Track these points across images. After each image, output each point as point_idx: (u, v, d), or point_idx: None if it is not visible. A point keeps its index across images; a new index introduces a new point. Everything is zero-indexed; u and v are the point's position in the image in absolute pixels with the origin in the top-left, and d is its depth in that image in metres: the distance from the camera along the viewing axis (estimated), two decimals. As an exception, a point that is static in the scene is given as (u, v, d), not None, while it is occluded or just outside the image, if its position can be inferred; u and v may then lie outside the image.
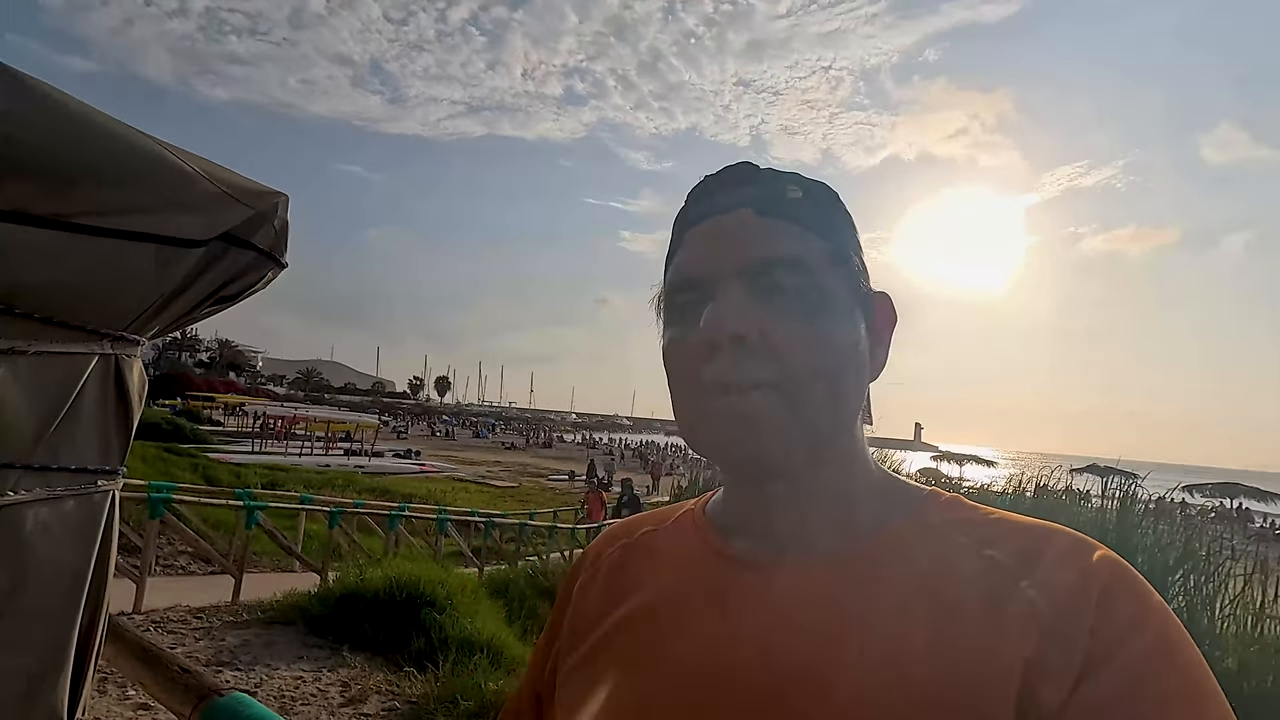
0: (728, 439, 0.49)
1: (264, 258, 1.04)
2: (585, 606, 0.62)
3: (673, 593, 0.56)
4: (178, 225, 0.91)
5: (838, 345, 0.51)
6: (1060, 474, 8.51)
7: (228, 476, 14.90)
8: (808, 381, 0.49)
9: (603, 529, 7.01)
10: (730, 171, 0.57)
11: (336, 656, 4.60)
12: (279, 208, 1.02)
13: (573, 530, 12.65)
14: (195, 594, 5.87)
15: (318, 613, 5.18)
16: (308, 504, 9.06)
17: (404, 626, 4.89)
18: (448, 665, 4.26)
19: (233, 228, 0.97)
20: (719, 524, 0.59)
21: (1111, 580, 0.42)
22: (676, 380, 0.53)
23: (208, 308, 1.02)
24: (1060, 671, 0.40)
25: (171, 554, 7.81)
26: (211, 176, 0.92)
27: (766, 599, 0.50)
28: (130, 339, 0.93)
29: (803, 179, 0.57)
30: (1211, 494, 25.18)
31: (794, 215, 0.53)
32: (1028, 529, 0.48)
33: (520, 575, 8.15)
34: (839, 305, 0.52)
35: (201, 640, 4.65)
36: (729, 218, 0.54)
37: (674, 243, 0.58)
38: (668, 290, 0.56)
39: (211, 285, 0.98)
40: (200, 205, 0.92)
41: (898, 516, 0.52)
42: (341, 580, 5.55)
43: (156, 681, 1.13)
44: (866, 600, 0.47)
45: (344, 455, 26.90)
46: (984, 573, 0.45)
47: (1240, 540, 13.07)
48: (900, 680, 0.42)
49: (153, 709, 3.48)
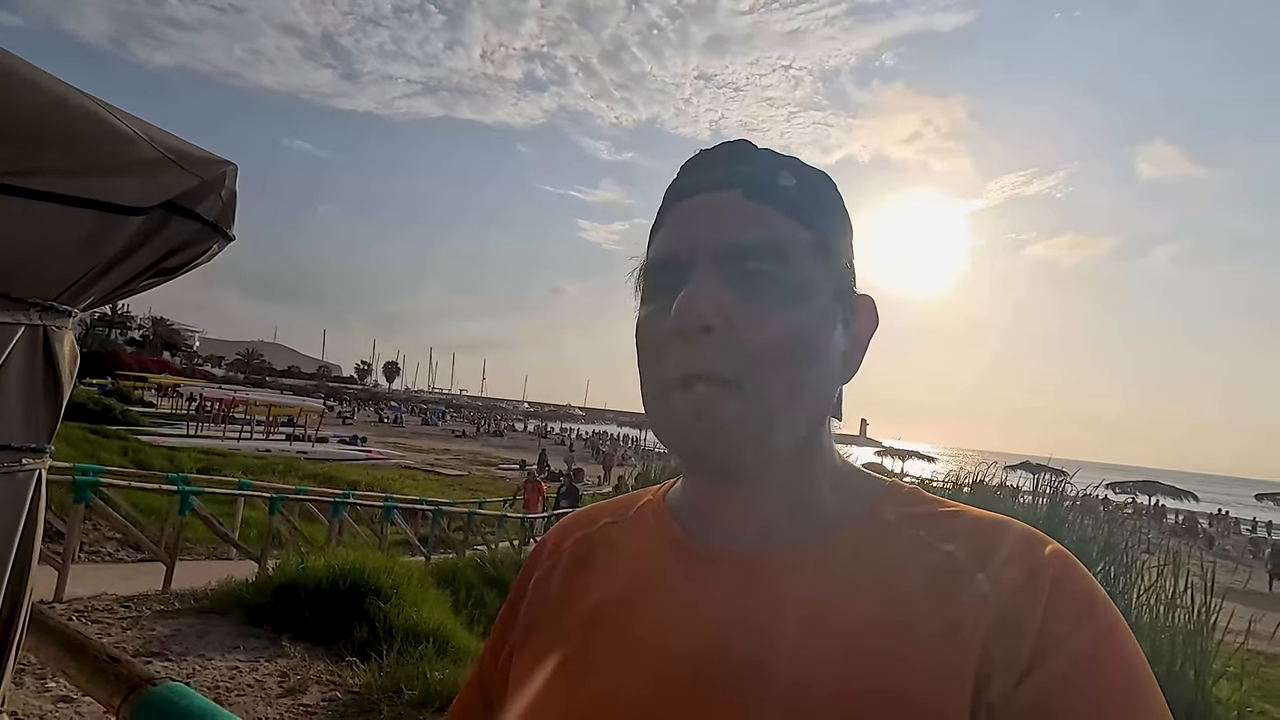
0: (683, 433, 0.48)
1: (209, 229, 0.99)
2: (542, 600, 0.60)
3: (633, 585, 0.55)
4: (115, 190, 0.86)
5: (809, 341, 0.49)
6: (995, 470, 8.89)
7: (160, 460, 14.22)
8: (771, 378, 0.47)
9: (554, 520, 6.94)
10: (726, 148, 0.54)
11: (275, 646, 4.47)
12: (227, 177, 0.97)
13: (523, 520, 12.55)
14: (123, 582, 5.61)
15: (256, 602, 5.02)
16: (246, 490, 8.74)
17: (347, 616, 4.77)
18: (392, 655, 4.19)
19: (176, 196, 0.92)
20: (679, 516, 0.58)
21: (1060, 574, 0.43)
22: (644, 361, 0.52)
23: (147, 279, 0.97)
24: (1011, 662, 0.40)
25: (97, 540, 7.43)
26: (154, 140, 0.87)
27: (726, 592, 0.50)
28: (61, 309, 0.88)
29: (801, 165, 0.54)
30: (1132, 491, 26.64)
31: (784, 202, 0.51)
32: (984, 523, 0.48)
33: (468, 565, 8.06)
34: (817, 300, 0.50)
35: (130, 630, 4.45)
36: (717, 196, 0.51)
37: (660, 214, 0.56)
38: (646, 265, 0.54)
39: (152, 256, 0.93)
40: (141, 170, 0.87)
41: (858, 509, 0.52)
42: (282, 569, 5.39)
43: (83, 672, 1.07)
44: (825, 594, 0.47)
45: (286, 440, 26.02)
46: (941, 568, 0.45)
47: (1156, 535, 13.88)
48: (859, 673, 0.42)
49: (75, 701, 3.32)
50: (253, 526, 8.91)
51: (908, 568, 0.46)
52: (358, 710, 3.66)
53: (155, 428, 22.70)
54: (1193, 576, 5.64)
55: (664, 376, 0.49)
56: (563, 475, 14.81)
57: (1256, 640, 8.28)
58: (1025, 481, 8.97)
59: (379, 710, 3.64)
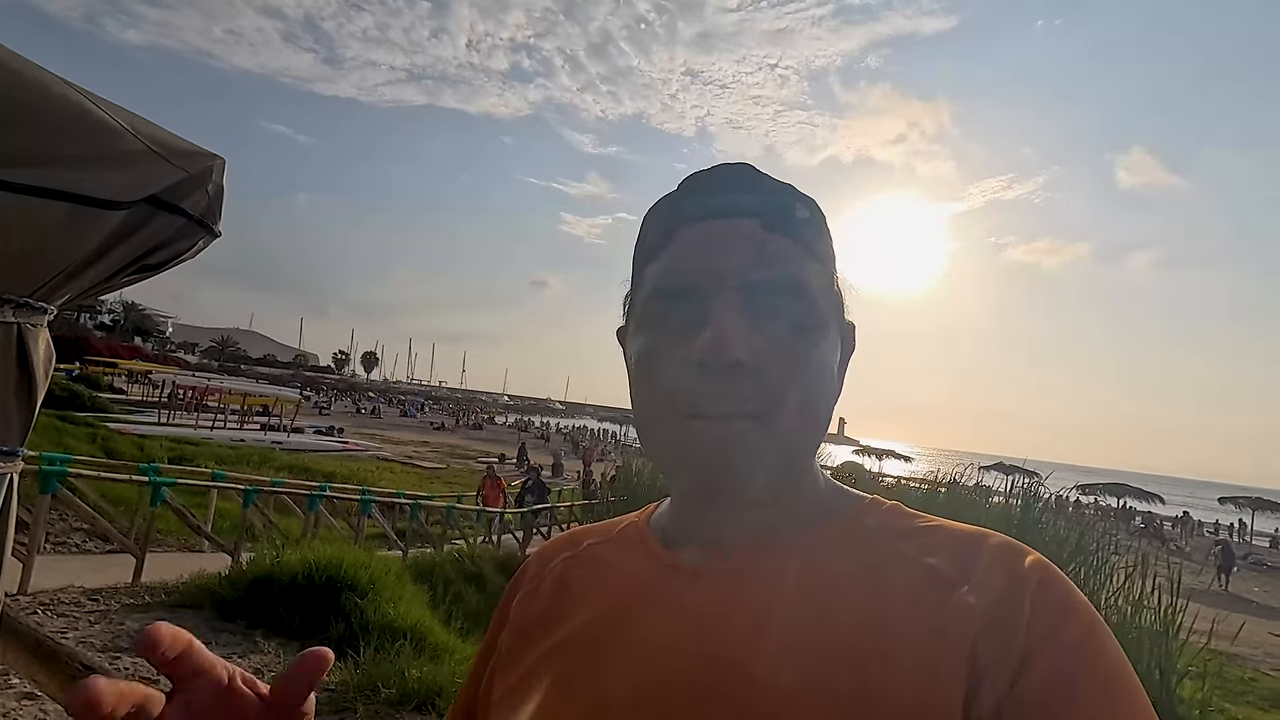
0: (707, 463, 0.48)
1: (194, 225, 0.95)
2: (525, 622, 0.60)
3: (616, 605, 0.55)
4: (97, 183, 0.83)
5: (826, 376, 0.50)
6: (970, 471, 9.04)
7: (130, 449, 13.92)
8: (793, 412, 0.48)
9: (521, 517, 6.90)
10: (732, 172, 0.54)
11: (248, 642, 4.40)
12: (214, 171, 0.94)
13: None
14: (91, 574, 5.48)
15: (229, 596, 4.93)
16: (220, 481, 8.58)
17: (323, 611, 4.71)
18: (369, 652, 4.14)
19: (160, 190, 0.89)
20: (663, 536, 0.58)
21: (1042, 582, 0.44)
22: (651, 392, 0.51)
23: (128, 276, 0.93)
24: (1000, 666, 0.41)
25: (64, 531, 7.25)
26: (139, 132, 0.84)
27: (708, 606, 0.50)
28: (37, 306, 0.84)
29: (803, 195, 0.54)
30: (1102, 493, 27.25)
31: (800, 235, 0.51)
32: (964, 536, 0.49)
33: (446, 560, 7.99)
34: (829, 334, 0.52)
35: (97, 624, 4.35)
36: (731, 225, 0.51)
37: (657, 236, 0.54)
38: (651, 291, 0.53)
39: (134, 252, 0.90)
40: (124, 163, 0.84)
41: (843, 525, 0.53)
42: (256, 562, 5.29)
43: (54, 680, 1.03)
44: (809, 606, 0.47)
45: (260, 431, 25.61)
46: (925, 580, 0.46)
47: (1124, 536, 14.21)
48: (847, 682, 0.43)
49: (39, 699, 3.23)
50: (226, 519, 8.75)
51: (890, 581, 0.47)
52: (333, 708, 3.61)
53: (125, 415, 22.23)
54: (1159, 578, 5.78)
55: (681, 410, 0.49)
56: (529, 468, 14.76)
57: (1219, 640, 8.53)
58: (999, 482, 9.15)
59: (355, 709, 3.59)
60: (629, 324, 0.56)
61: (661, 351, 0.50)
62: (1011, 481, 9.35)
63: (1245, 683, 9.01)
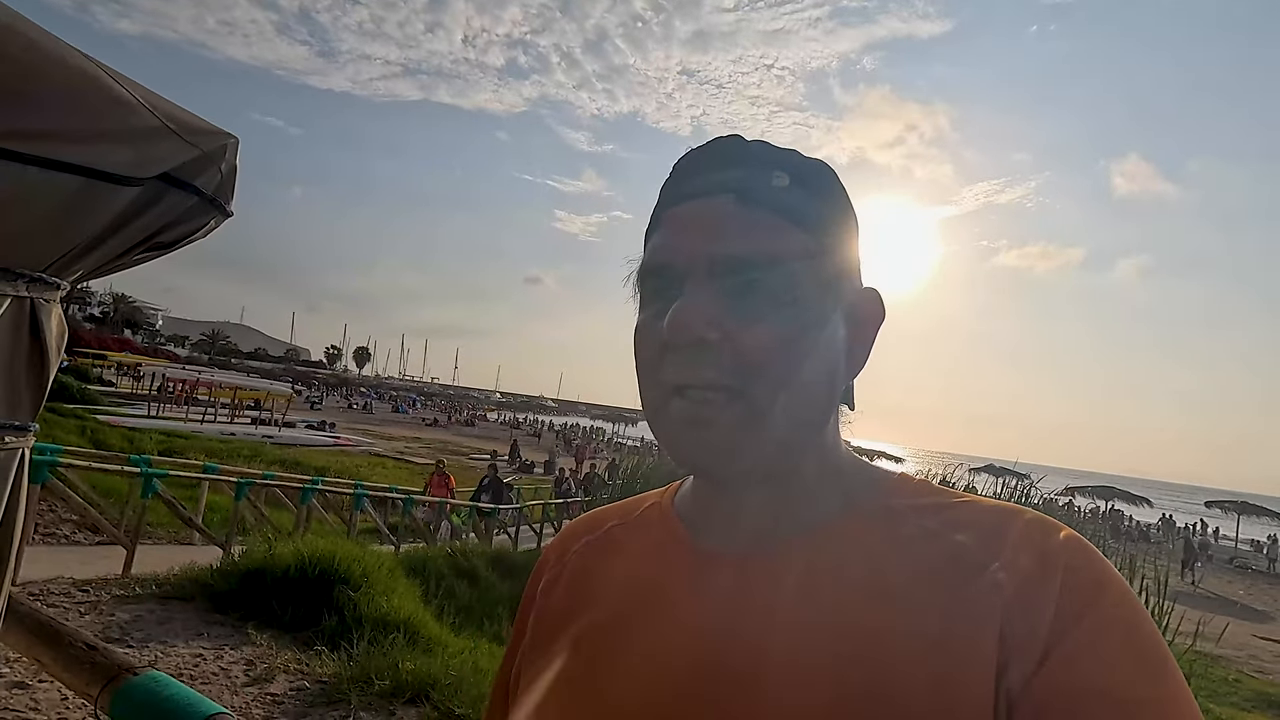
0: (680, 439, 0.49)
1: (207, 204, 0.95)
2: (550, 607, 0.60)
3: (638, 591, 0.55)
4: (111, 158, 0.82)
5: (808, 348, 0.49)
6: (960, 473, 9.08)
7: (119, 441, 13.81)
8: (771, 387, 0.47)
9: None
10: (717, 148, 0.53)
11: (240, 634, 4.38)
12: (228, 150, 0.93)
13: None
14: (80, 566, 5.44)
15: (220, 588, 4.90)
16: (211, 474, 8.53)
17: (315, 604, 4.69)
18: (362, 644, 4.13)
19: (174, 168, 0.89)
20: (686, 517, 0.57)
21: (1073, 559, 0.44)
22: (641, 367, 0.52)
23: (140, 253, 0.93)
24: (1028, 647, 0.40)
25: (53, 522, 7.19)
26: (155, 108, 0.83)
27: (738, 593, 0.50)
28: (50, 282, 0.83)
29: (796, 160, 0.53)
30: (1091, 495, 27.45)
31: (779, 205, 0.50)
32: (995, 512, 0.48)
33: (439, 555, 7.97)
34: (815, 306, 0.50)
35: (88, 615, 4.32)
36: (708, 204, 0.51)
37: (654, 218, 0.55)
38: (640, 271, 0.54)
39: (146, 229, 0.89)
40: (139, 139, 0.83)
41: (868, 503, 0.52)
42: (249, 555, 5.27)
43: (58, 661, 1.03)
44: (834, 588, 0.47)
45: (251, 425, 25.44)
46: (953, 557, 0.46)
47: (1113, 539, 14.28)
48: (881, 669, 0.42)
49: (30, 688, 3.21)
50: (217, 512, 8.70)
51: (919, 558, 0.46)
52: (326, 700, 3.60)
53: (115, 407, 22.05)
54: (1146, 580, 5.83)
55: (660, 384, 0.49)
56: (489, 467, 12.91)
57: (1204, 641, 8.61)
58: (990, 485, 9.20)
59: (348, 700, 3.59)
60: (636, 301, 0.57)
61: (645, 331, 0.51)
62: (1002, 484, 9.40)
63: (1229, 684, 9.12)
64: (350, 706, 3.55)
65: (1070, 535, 0.45)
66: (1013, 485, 8.74)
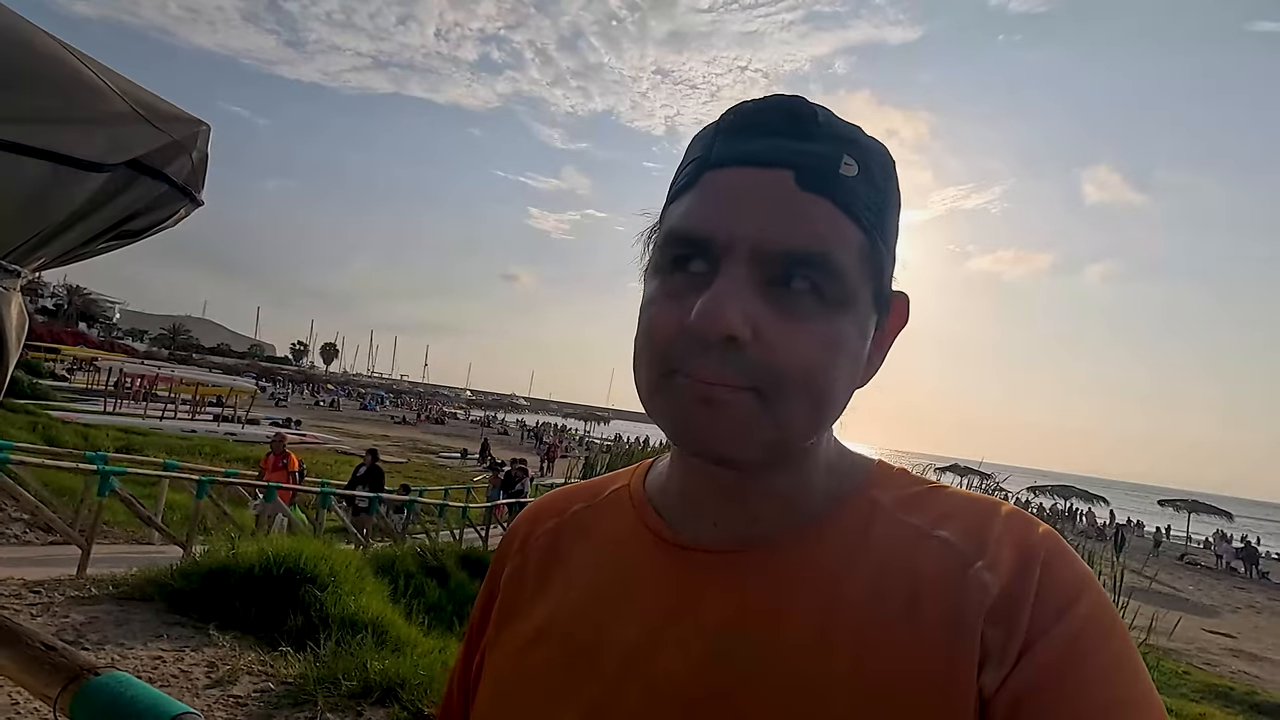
0: (687, 416, 0.44)
1: (177, 192, 0.93)
2: (515, 596, 0.57)
3: (612, 582, 0.52)
4: (78, 143, 0.80)
5: (839, 359, 0.45)
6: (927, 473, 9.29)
7: (74, 438, 13.36)
8: (795, 392, 0.43)
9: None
10: (778, 110, 0.46)
11: (202, 635, 4.27)
12: (199, 138, 0.91)
13: (464, 510, 12.33)
14: (33, 567, 5.26)
15: (181, 588, 4.77)
16: (172, 471, 8.31)
17: (280, 604, 4.59)
18: (329, 645, 4.06)
19: (144, 154, 0.87)
20: (659, 503, 0.54)
21: (1052, 555, 0.44)
22: (647, 343, 0.46)
23: (105, 242, 0.90)
24: (1006, 647, 0.41)
25: (3, 521, 6.93)
26: (124, 93, 0.81)
27: (719, 594, 0.48)
28: (10, 269, 0.81)
29: (863, 143, 0.47)
30: (1051, 494, 28.23)
31: (842, 196, 0.44)
32: (975, 506, 0.48)
33: (407, 554, 7.87)
34: (857, 312, 0.45)
35: (40, 617, 4.18)
36: (761, 176, 0.44)
37: (685, 175, 0.48)
38: (666, 235, 0.47)
39: (113, 217, 0.87)
40: (108, 123, 0.81)
41: (849, 494, 0.50)
42: (211, 554, 5.14)
43: (15, 661, 0.99)
44: (824, 589, 0.46)
45: (213, 421, 24.82)
46: (937, 555, 0.45)
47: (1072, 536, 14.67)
48: (866, 669, 0.42)
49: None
50: (176, 510, 8.47)
51: (904, 558, 0.45)
52: (292, 701, 3.53)
53: (69, 403, 21.33)
54: (1103, 576, 6.03)
55: (672, 368, 0.44)
56: (367, 454, 10.47)
57: (1157, 635, 8.91)
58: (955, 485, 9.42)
59: (315, 701, 3.52)
60: (649, 262, 0.51)
61: (661, 304, 0.46)
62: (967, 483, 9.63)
63: (1179, 676, 9.44)
64: (317, 707, 3.49)
65: (1048, 531, 0.45)
66: (978, 485, 8.97)
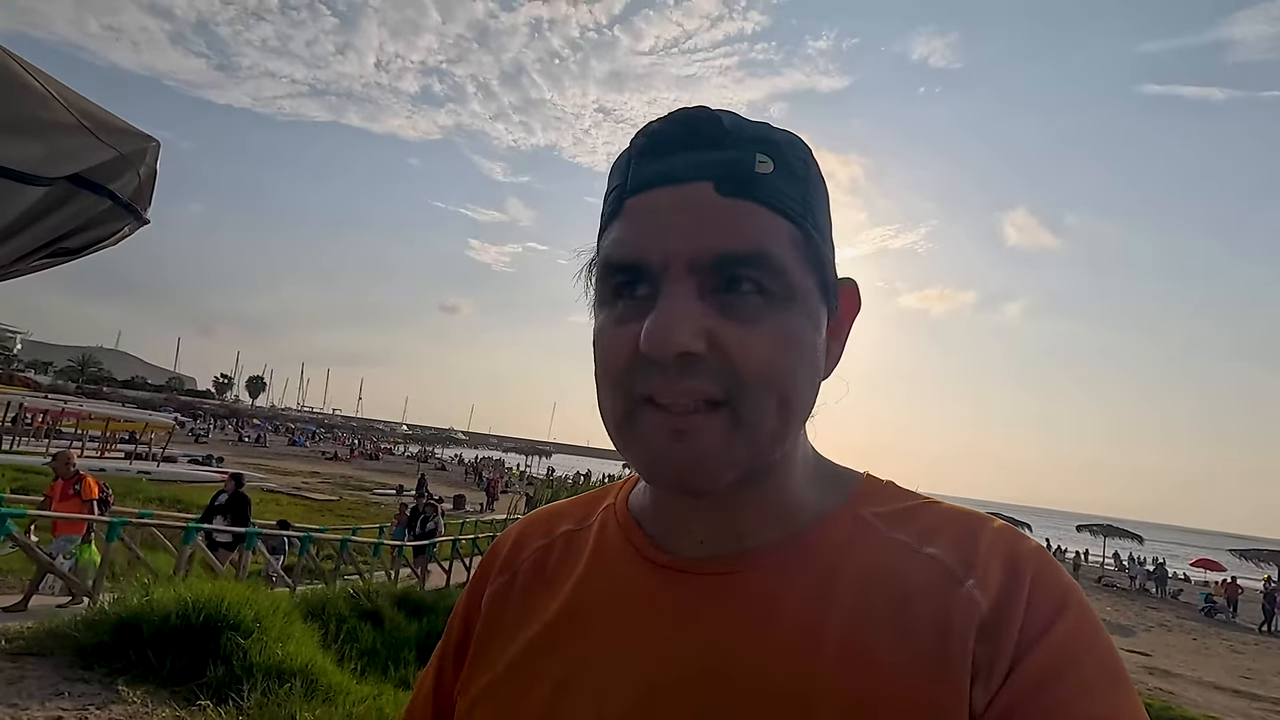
0: (656, 454, 0.43)
1: (121, 208, 0.89)
2: (500, 618, 0.55)
3: (603, 604, 0.51)
4: (16, 153, 0.76)
5: (797, 353, 0.45)
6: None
7: (-37, 479, 12.28)
8: (761, 398, 0.43)
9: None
10: (685, 123, 0.46)
11: (109, 692, 3.93)
12: (148, 154, 0.88)
13: (399, 549, 11.85)
14: (-90, 621, 4.74)
15: (87, 641, 4.40)
16: (77, 513, 7.67)
17: (199, 654, 4.29)
18: (255, 696, 3.80)
19: (87, 169, 0.82)
20: (645, 523, 0.54)
21: (1040, 570, 0.44)
22: (605, 375, 0.46)
23: (40, 259, 0.85)
24: (995, 662, 0.41)
25: (-124, 572, 6.25)
26: (70, 104, 0.78)
27: (708, 615, 0.47)
28: (-69, 286, 0.75)
29: (774, 137, 0.46)
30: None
31: (764, 194, 0.44)
32: (963, 521, 0.48)
33: (339, 596, 7.49)
34: (804, 305, 0.45)
35: (-82, 678, 3.76)
36: (682, 192, 0.44)
37: (610, 204, 0.48)
38: (601, 264, 0.47)
39: (52, 233, 0.82)
40: (49, 134, 0.77)
41: (835, 509, 0.50)
42: (121, 602, 4.76)
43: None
44: (812, 607, 0.45)
45: (125, 459, 23.21)
46: (926, 573, 0.45)
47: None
48: (855, 689, 0.41)
49: None
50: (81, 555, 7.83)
51: (893, 575, 0.45)
52: (211, 760, 3.28)
53: (-42, 441, 19.56)
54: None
55: (633, 397, 0.44)
56: (229, 479, 8.94)
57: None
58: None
59: (237, 759, 3.28)
60: (593, 296, 0.50)
61: (610, 334, 0.46)
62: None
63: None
64: (239, 765, 3.24)
65: (1034, 548, 0.45)
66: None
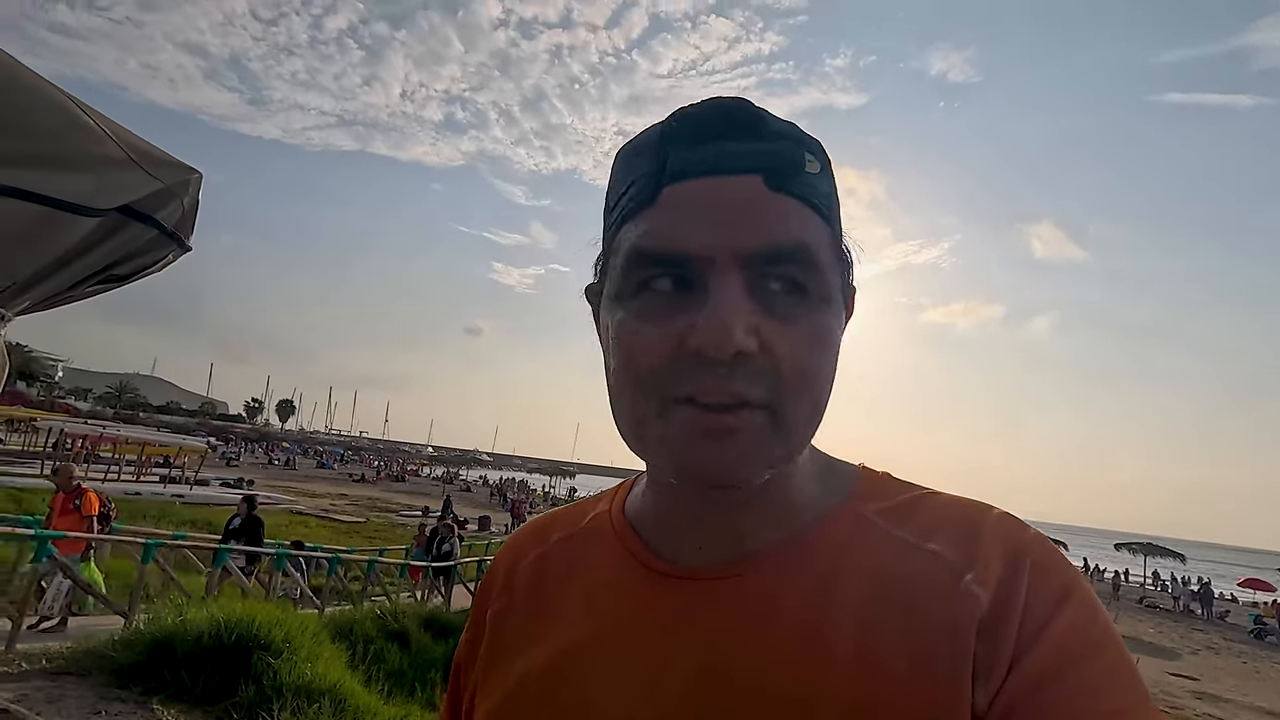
0: (690, 450, 0.42)
1: (166, 237, 0.94)
2: (504, 635, 0.56)
3: (604, 614, 0.51)
4: (71, 187, 0.81)
5: (829, 355, 0.45)
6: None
7: (6, 502, 12.66)
8: (799, 399, 0.43)
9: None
10: (731, 115, 0.44)
11: (144, 711, 3.99)
12: (191, 185, 0.93)
13: (427, 571, 11.92)
14: (-44, 641, 4.88)
15: (123, 661, 4.47)
16: (116, 534, 7.87)
17: (231, 674, 4.34)
18: (285, 715, 3.84)
19: (135, 200, 0.88)
20: (642, 528, 0.53)
21: (1041, 558, 0.44)
22: (630, 374, 0.44)
23: (93, 285, 0.90)
24: (998, 656, 0.40)
25: (-76, 593, 6.44)
26: (120, 139, 0.83)
27: (709, 620, 0.47)
28: (-6, 311, 0.80)
29: (807, 136, 0.46)
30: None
31: (808, 192, 0.44)
32: (963, 512, 0.47)
33: (367, 616, 7.55)
34: (835, 307, 0.45)
35: (-37, 696, 3.86)
36: (731, 184, 0.43)
37: (640, 191, 0.45)
38: (633, 256, 0.44)
39: (101, 261, 0.87)
40: (101, 168, 0.82)
41: (836, 507, 0.49)
42: (155, 622, 4.85)
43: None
44: (810, 609, 0.45)
45: (159, 482, 23.72)
46: (928, 570, 0.44)
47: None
48: (862, 688, 0.41)
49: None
50: (116, 578, 8.01)
51: (894, 573, 0.45)
52: (242, 779, 3.31)
53: (2, 466, 20.19)
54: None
55: (668, 396, 0.43)
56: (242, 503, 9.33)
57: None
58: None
59: (267, 778, 3.31)
60: (604, 287, 0.49)
61: (646, 328, 0.43)
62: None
63: (1148, 720, 9.45)
64: (269, 785, 3.27)
65: (1035, 537, 0.45)
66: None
